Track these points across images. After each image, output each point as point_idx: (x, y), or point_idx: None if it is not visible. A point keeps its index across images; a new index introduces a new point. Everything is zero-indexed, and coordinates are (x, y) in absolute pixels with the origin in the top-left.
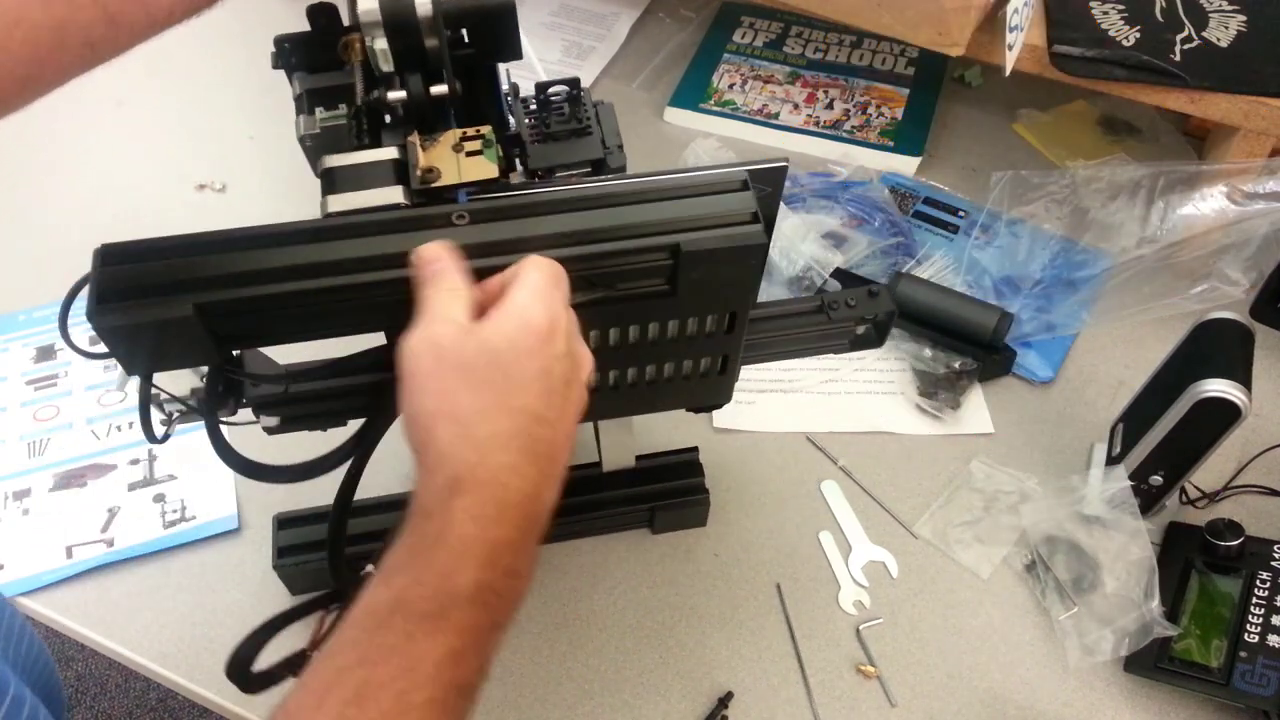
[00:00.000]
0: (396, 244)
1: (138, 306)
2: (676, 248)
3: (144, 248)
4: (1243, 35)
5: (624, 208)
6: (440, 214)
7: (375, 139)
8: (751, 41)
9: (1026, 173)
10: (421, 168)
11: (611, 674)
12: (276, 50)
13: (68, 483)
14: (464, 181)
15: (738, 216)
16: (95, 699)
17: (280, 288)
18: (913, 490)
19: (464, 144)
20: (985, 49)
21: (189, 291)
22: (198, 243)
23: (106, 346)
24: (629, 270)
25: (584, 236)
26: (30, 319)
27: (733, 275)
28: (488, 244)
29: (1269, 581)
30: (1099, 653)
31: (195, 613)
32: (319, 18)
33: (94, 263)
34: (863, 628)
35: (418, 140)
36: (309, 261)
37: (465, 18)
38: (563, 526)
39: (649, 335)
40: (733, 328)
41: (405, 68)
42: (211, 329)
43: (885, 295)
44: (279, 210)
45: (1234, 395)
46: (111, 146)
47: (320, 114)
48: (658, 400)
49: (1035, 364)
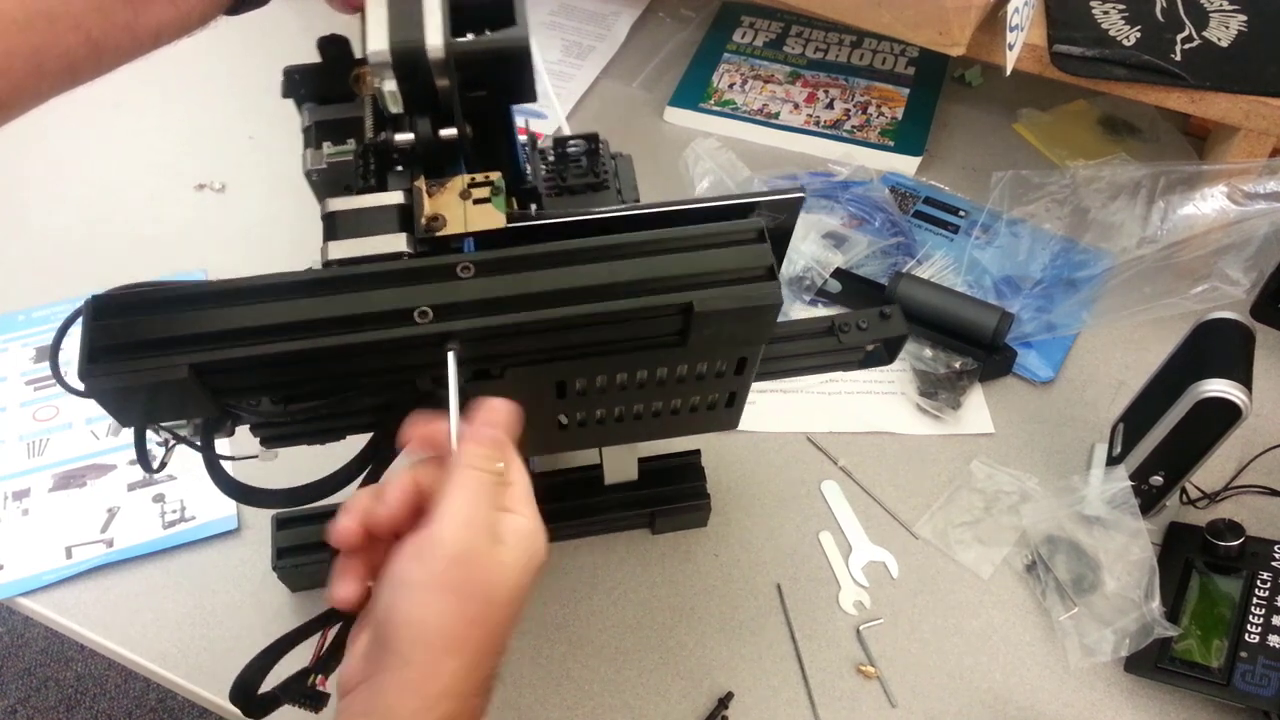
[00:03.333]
0: (399, 298)
1: (131, 367)
2: (689, 307)
3: (137, 299)
4: (1243, 35)
5: (635, 260)
6: (444, 265)
7: (381, 180)
8: (752, 41)
9: (1027, 172)
10: (427, 215)
11: (611, 675)
12: (285, 80)
13: (67, 483)
14: (470, 231)
15: (753, 271)
16: (95, 699)
17: (278, 347)
18: (913, 490)
19: (472, 190)
20: (986, 49)
21: (183, 348)
22: (192, 295)
23: (98, 403)
24: (639, 325)
25: (593, 294)
26: (30, 319)
27: (746, 330)
28: (492, 300)
29: (1269, 582)
30: (1099, 653)
31: (195, 613)
32: (330, 49)
33: (85, 315)
34: (863, 628)
35: (423, 185)
36: (308, 318)
37: (478, 61)
38: (563, 529)
39: (656, 377)
40: (742, 369)
41: (415, 110)
42: (208, 385)
43: (897, 317)
44: (278, 210)
45: (1234, 395)
46: (110, 146)
47: (328, 148)
48: (662, 430)
49: (1036, 364)
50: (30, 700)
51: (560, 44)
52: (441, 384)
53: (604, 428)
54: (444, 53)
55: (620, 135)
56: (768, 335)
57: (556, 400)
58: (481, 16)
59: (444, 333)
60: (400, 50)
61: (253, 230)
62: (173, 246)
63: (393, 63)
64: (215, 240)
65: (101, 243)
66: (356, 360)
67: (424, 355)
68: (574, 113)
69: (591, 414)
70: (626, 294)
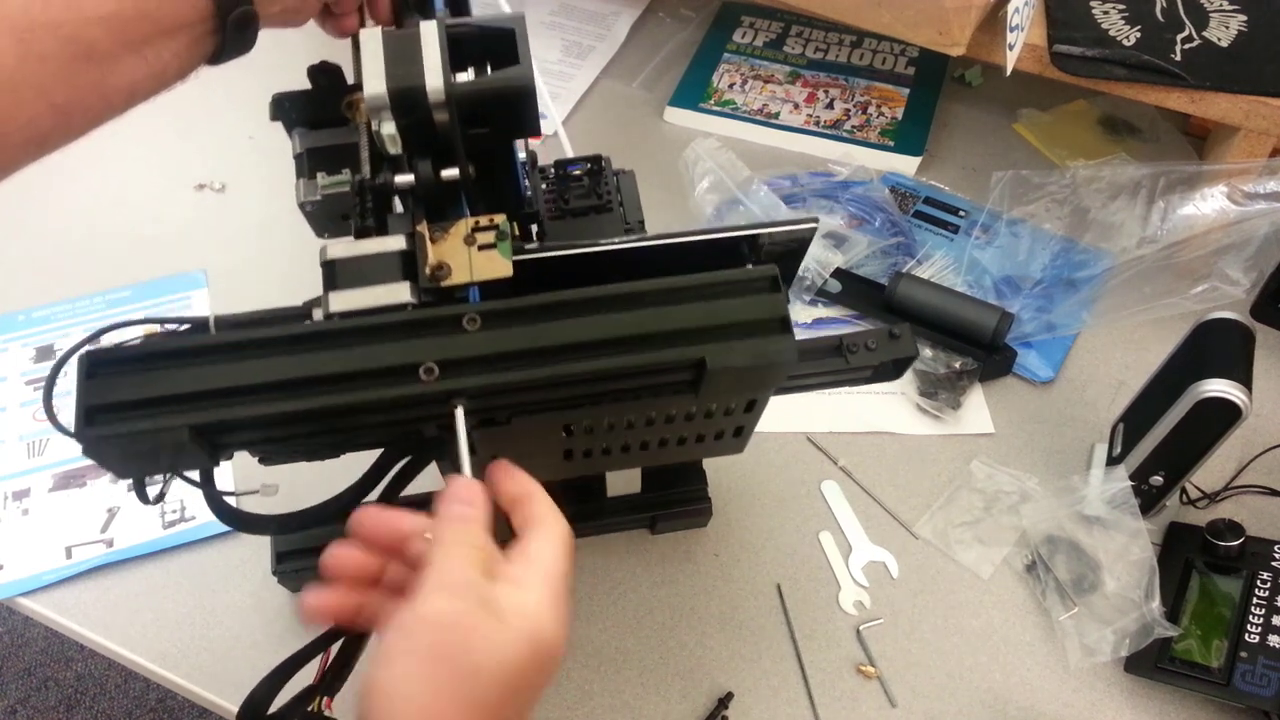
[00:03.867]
0: (404, 353)
1: (129, 428)
2: (702, 362)
3: (132, 354)
4: (1243, 35)
5: (647, 311)
6: (450, 316)
7: (381, 221)
8: (752, 41)
9: (1027, 172)
10: (431, 265)
11: (611, 674)
12: (274, 106)
13: (67, 483)
14: (475, 281)
15: (767, 324)
16: (95, 699)
17: (280, 406)
18: (913, 490)
19: (476, 235)
20: (986, 48)
21: (182, 406)
22: (189, 349)
23: (94, 461)
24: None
25: (603, 347)
26: (29, 319)
27: (760, 379)
28: (500, 355)
29: (1269, 582)
30: (1099, 653)
31: (195, 613)
32: (321, 78)
33: (79, 372)
34: (863, 628)
35: (426, 231)
36: (310, 375)
37: (482, 103)
38: None
39: (665, 416)
40: (751, 408)
41: (415, 152)
42: (208, 440)
43: (907, 338)
44: (278, 210)
45: (1234, 395)
46: (110, 146)
47: (322, 179)
48: (668, 457)
49: (1036, 364)
50: (30, 700)
51: (560, 44)
52: (447, 431)
53: (609, 458)
54: (445, 95)
55: (620, 135)
56: (780, 383)
57: (563, 438)
58: (482, 48)
59: (450, 390)
60: (399, 93)
61: (252, 230)
62: (172, 246)
63: (391, 105)
64: (215, 240)
65: (101, 243)
66: (360, 415)
67: (430, 409)
68: (574, 113)
69: (598, 447)
70: (638, 346)
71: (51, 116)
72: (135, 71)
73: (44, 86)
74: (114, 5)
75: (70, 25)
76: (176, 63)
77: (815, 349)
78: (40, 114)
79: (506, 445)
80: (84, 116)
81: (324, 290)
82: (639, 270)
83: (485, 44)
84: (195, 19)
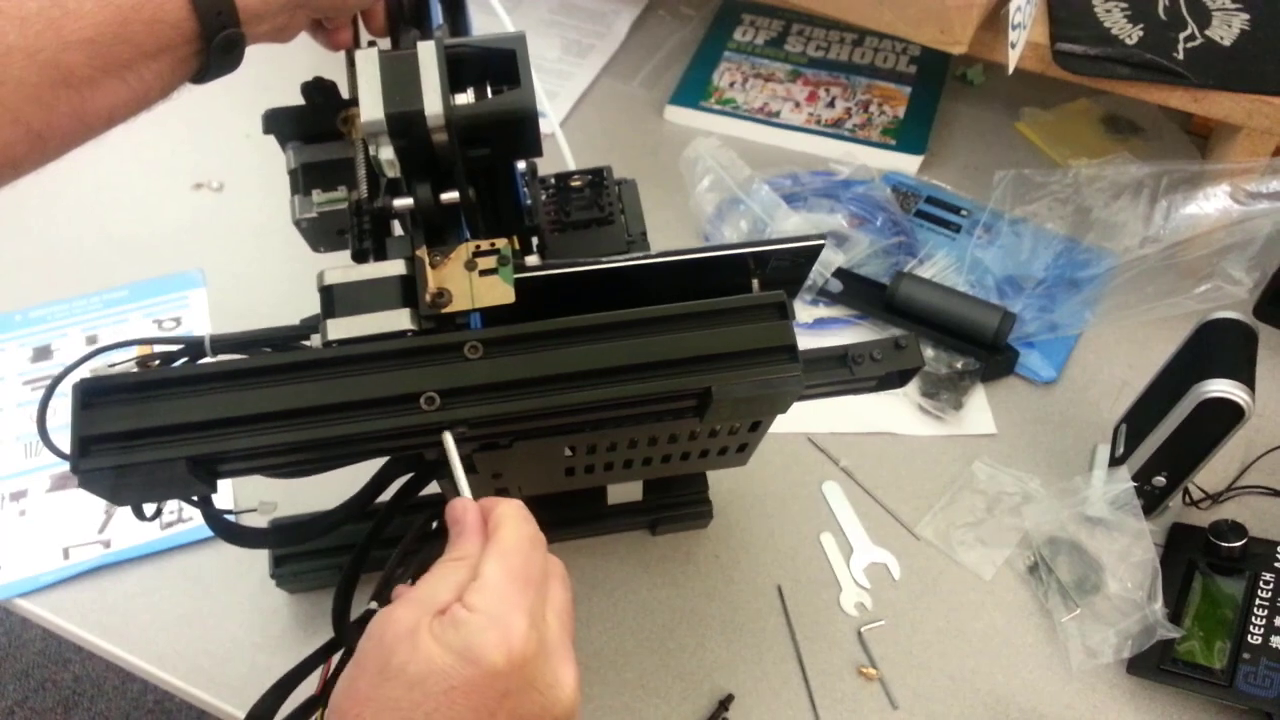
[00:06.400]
0: (404, 382)
1: (125, 459)
2: (708, 392)
3: (128, 383)
4: (1246, 34)
5: (653, 338)
6: (451, 343)
7: (379, 245)
8: (752, 39)
9: (1029, 172)
10: (431, 292)
11: (611, 676)
12: (266, 121)
13: (65, 484)
14: (477, 308)
15: (774, 354)
16: (93, 700)
17: (278, 437)
18: (915, 491)
19: (477, 260)
20: (988, 47)
21: (178, 436)
22: (185, 378)
23: (90, 491)
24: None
25: (608, 375)
26: (26, 319)
27: (766, 406)
28: (502, 383)
29: (1272, 583)
30: (1102, 655)
31: (193, 614)
32: (315, 95)
33: (74, 402)
34: (864, 630)
35: (426, 256)
36: (309, 404)
37: (482, 128)
38: (561, 535)
39: (669, 436)
40: (756, 428)
41: (413, 175)
42: (205, 470)
43: (913, 349)
44: (276, 209)
45: (1237, 396)
46: (108, 145)
47: (318, 195)
48: (670, 470)
49: (1038, 364)
50: (28, 702)
51: (560, 42)
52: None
53: (611, 473)
54: (444, 120)
55: (620, 134)
56: (787, 409)
57: (566, 456)
58: (483, 68)
59: (453, 420)
60: (397, 118)
61: (250, 230)
62: (170, 246)
63: (389, 131)
64: (213, 240)
65: (98, 242)
66: (360, 443)
67: (431, 437)
68: (573, 112)
69: (600, 464)
70: (643, 374)
71: (27, 142)
72: (115, 95)
73: (19, 111)
74: (93, 30)
75: (48, 51)
76: (159, 84)
77: (820, 360)
78: (15, 139)
79: (508, 464)
80: (60, 141)
81: (322, 317)
82: (643, 286)
83: (485, 64)
84: (179, 41)
